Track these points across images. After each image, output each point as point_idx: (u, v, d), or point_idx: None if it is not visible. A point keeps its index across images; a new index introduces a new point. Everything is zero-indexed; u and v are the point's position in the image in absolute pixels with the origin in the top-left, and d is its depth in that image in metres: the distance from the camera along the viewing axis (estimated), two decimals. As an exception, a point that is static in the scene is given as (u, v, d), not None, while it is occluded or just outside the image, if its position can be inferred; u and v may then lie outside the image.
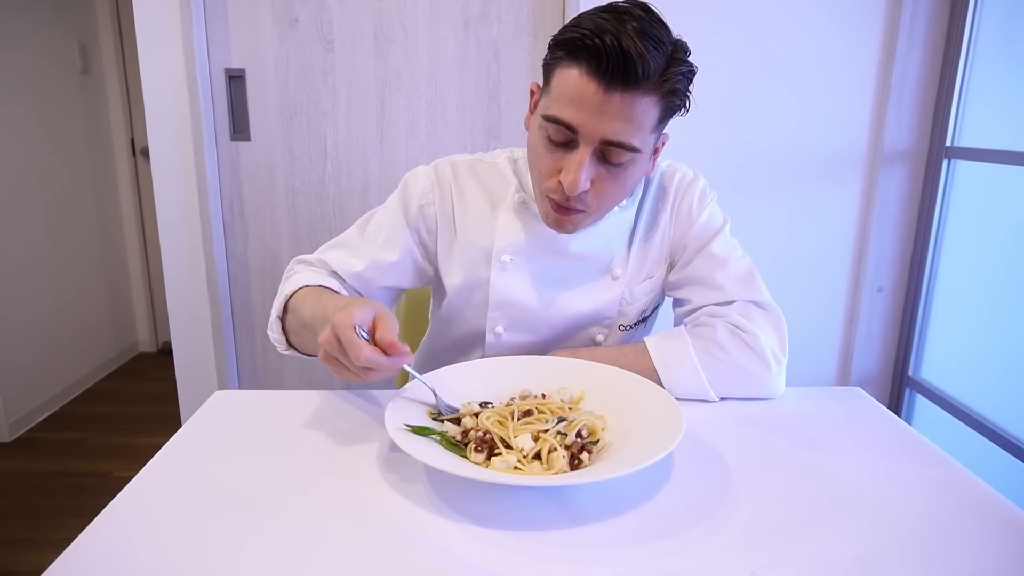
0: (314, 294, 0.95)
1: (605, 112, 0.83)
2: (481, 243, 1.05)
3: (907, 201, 1.98)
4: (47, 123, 2.82)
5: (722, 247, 1.04)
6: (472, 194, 1.07)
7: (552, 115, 0.87)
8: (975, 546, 0.64)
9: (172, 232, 1.97)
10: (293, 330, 0.98)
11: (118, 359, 3.35)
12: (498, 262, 1.04)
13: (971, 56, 1.85)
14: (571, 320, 1.06)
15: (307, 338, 0.94)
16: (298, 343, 0.99)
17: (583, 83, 0.83)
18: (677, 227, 1.07)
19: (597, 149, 0.87)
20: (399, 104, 1.93)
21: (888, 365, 2.10)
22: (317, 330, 0.82)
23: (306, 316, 0.92)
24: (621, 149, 0.86)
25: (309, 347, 0.96)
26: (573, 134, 0.86)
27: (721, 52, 1.87)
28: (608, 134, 0.85)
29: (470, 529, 0.66)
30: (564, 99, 0.85)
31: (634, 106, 0.84)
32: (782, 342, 0.97)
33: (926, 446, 0.84)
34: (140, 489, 0.73)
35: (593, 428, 0.79)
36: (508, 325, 1.06)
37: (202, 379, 2.06)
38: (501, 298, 1.05)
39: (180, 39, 1.83)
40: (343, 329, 0.74)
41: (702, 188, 1.07)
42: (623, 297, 1.06)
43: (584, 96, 0.83)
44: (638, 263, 1.06)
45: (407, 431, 0.76)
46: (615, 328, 1.08)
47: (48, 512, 2.15)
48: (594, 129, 0.85)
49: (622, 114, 0.84)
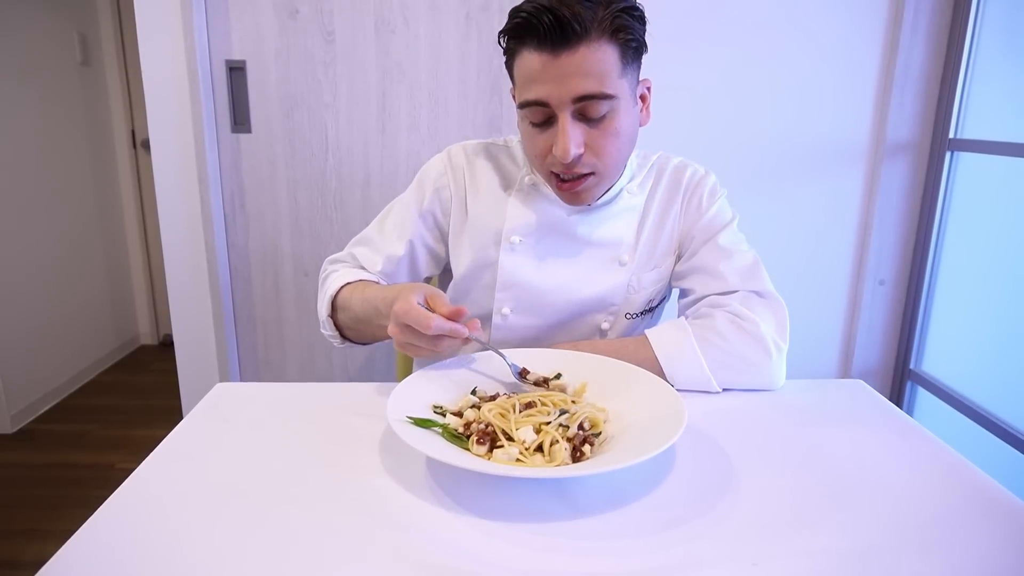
0: (358, 290, 1.01)
1: (564, 75, 0.88)
2: (492, 224, 1.07)
3: (909, 193, 1.98)
4: (47, 115, 2.81)
5: (728, 240, 1.06)
6: (484, 176, 1.10)
7: (524, 100, 0.92)
8: (976, 537, 0.64)
9: (173, 224, 1.96)
10: (346, 326, 1.04)
11: (119, 351, 3.36)
12: (507, 243, 1.05)
13: (974, 48, 1.84)
14: (577, 304, 1.07)
15: (363, 331, 1.02)
16: (354, 336, 1.06)
17: (535, 60, 0.89)
18: (686, 220, 1.09)
19: (574, 112, 0.90)
20: (400, 95, 1.93)
21: (890, 357, 2.10)
22: (373, 322, 0.95)
23: (358, 311, 0.99)
24: (594, 100, 0.89)
25: (367, 336, 1.03)
26: (547, 108, 0.90)
27: (724, 44, 1.86)
28: (575, 91, 0.88)
29: (472, 521, 0.66)
30: (527, 82, 0.91)
31: (587, 59, 0.87)
32: (782, 330, 0.98)
33: (927, 438, 0.84)
34: (142, 481, 0.73)
35: (595, 420, 0.79)
36: (515, 307, 1.07)
37: (203, 371, 2.06)
38: (509, 279, 1.06)
39: (180, 30, 1.82)
40: (407, 313, 0.80)
41: (712, 184, 1.10)
42: (630, 284, 1.07)
43: (540, 70, 0.88)
44: (646, 252, 1.08)
45: (409, 423, 0.76)
46: (621, 316, 1.09)
47: (50, 504, 2.15)
48: (561, 94, 0.88)
49: (580, 70, 0.87)
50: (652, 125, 1.06)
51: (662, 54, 1.83)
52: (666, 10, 1.81)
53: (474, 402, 0.83)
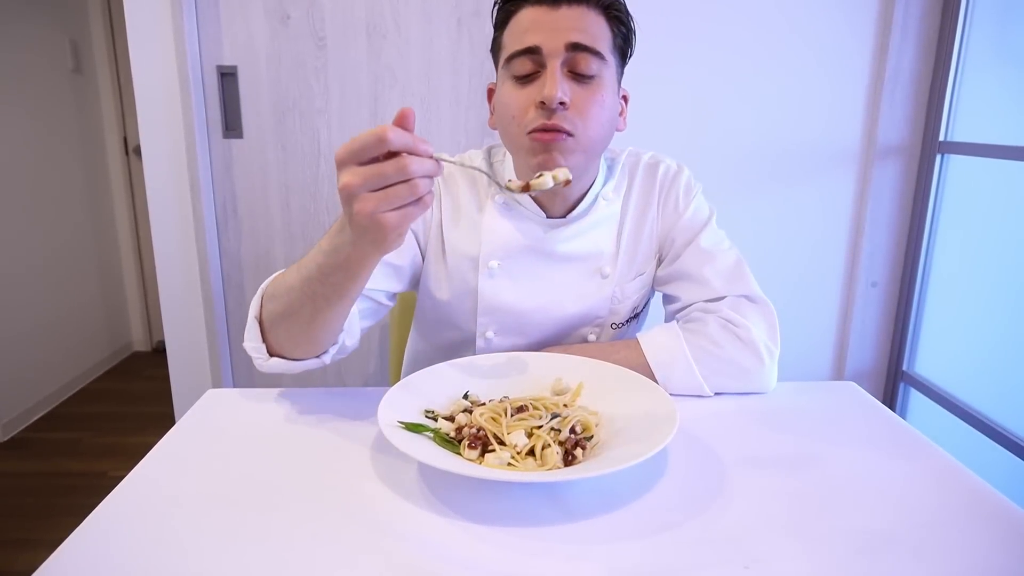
0: (291, 268, 0.85)
1: (561, 24, 0.89)
2: (468, 250, 1.03)
3: (901, 196, 1.98)
4: (39, 122, 2.80)
5: (709, 240, 1.04)
6: (457, 199, 1.06)
7: (514, 51, 0.91)
8: (968, 539, 0.64)
9: (165, 230, 1.96)
10: (278, 317, 0.85)
11: (112, 358, 3.34)
12: (486, 268, 1.02)
13: (964, 50, 1.86)
14: (562, 322, 1.05)
15: (303, 306, 0.81)
16: (287, 330, 0.86)
17: (533, 11, 0.90)
18: (664, 222, 1.06)
19: (565, 61, 0.90)
20: (392, 101, 1.93)
21: (882, 359, 2.11)
22: (314, 280, 0.77)
23: (292, 280, 0.82)
24: (587, 54, 0.90)
25: (306, 314, 0.82)
26: (537, 57, 0.90)
27: (715, 47, 1.87)
28: (570, 38, 0.89)
29: (464, 526, 0.66)
30: (521, 33, 0.91)
31: (584, 18, 0.90)
32: (773, 335, 0.97)
33: (920, 440, 0.84)
34: (133, 488, 0.72)
35: (587, 424, 0.79)
36: (498, 330, 1.05)
37: (196, 378, 2.06)
38: (490, 304, 1.03)
39: (172, 36, 1.82)
40: (351, 143, 0.64)
41: (687, 180, 1.07)
42: (614, 295, 1.05)
43: (537, 20, 0.90)
44: (627, 260, 1.06)
45: (400, 428, 0.75)
46: (607, 327, 1.07)
47: (42, 512, 2.14)
48: (556, 39, 0.89)
49: (578, 23, 0.90)
50: (646, 126, 1.05)
51: (655, 56, 1.83)
52: (659, 12, 1.81)
53: (466, 406, 0.83)
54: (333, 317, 0.84)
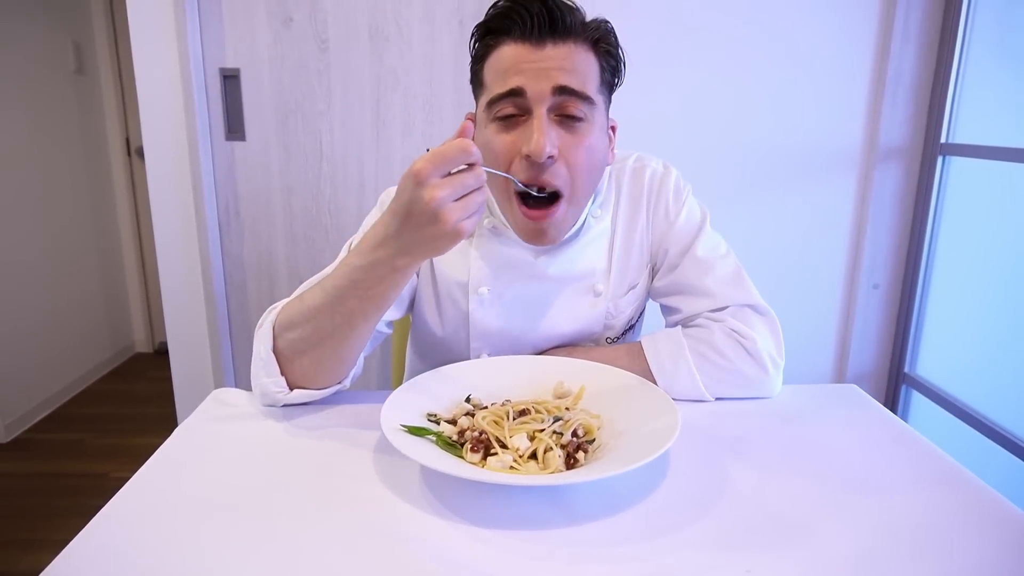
0: (306, 294, 0.85)
1: (546, 65, 0.84)
2: (457, 277, 1.01)
3: (902, 198, 1.98)
4: (41, 123, 2.81)
5: (706, 248, 1.01)
6: None
7: (497, 93, 0.86)
8: (971, 543, 0.64)
9: (167, 232, 1.96)
10: (298, 347, 0.84)
11: (114, 360, 3.35)
12: (476, 295, 1.00)
13: (965, 52, 1.85)
14: (557, 341, 1.03)
15: (329, 326, 0.81)
16: (311, 358, 0.84)
17: (516, 50, 0.85)
18: (655, 229, 1.03)
19: (552, 108, 0.86)
20: (394, 103, 1.93)
21: (884, 362, 2.11)
22: (347, 296, 0.77)
23: (316, 301, 0.81)
24: (575, 98, 0.86)
25: (333, 337, 0.82)
26: (523, 100, 0.85)
27: (717, 49, 1.87)
28: (558, 80, 0.84)
29: (466, 529, 0.66)
30: (503, 73, 0.86)
31: (571, 56, 0.85)
32: (779, 346, 0.96)
33: (922, 443, 0.84)
34: (137, 489, 0.73)
35: (589, 427, 0.79)
36: (492, 352, 1.03)
37: (198, 379, 2.06)
38: (482, 330, 1.02)
39: (175, 38, 1.83)
40: (433, 157, 0.69)
41: (676, 182, 1.03)
42: (608, 312, 1.03)
43: (521, 59, 0.85)
44: (620, 274, 1.03)
45: (403, 431, 0.76)
46: (602, 342, 1.06)
47: (45, 513, 2.14)
48: (541, 82, 0.84)
49: (564, 62, 0.85)
50: (646, 129, 1.04)
51: (655, 59, 1.84)
52: (659, 15, 1.82)
53: (468, 410, 0.83)
54: (365, 334, 0.85)
